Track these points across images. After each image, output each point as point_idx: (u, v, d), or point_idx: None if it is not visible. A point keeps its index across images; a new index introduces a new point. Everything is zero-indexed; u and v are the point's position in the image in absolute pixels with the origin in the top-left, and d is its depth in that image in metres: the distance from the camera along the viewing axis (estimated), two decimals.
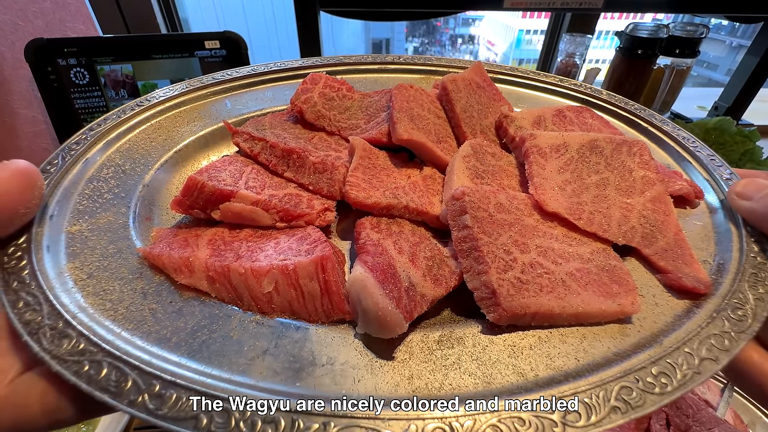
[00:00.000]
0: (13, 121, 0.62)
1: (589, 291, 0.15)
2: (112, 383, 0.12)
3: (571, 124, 0.22)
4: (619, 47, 0.74)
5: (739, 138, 0.68)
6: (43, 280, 0.14)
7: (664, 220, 0.18)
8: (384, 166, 0.19)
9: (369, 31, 3.97)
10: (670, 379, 0.13)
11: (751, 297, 0.15)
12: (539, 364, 0.14)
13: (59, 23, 0.68)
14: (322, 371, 0.13)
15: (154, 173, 0.21)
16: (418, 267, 0.15)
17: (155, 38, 0.65)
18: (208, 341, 0.14)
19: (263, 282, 0.15)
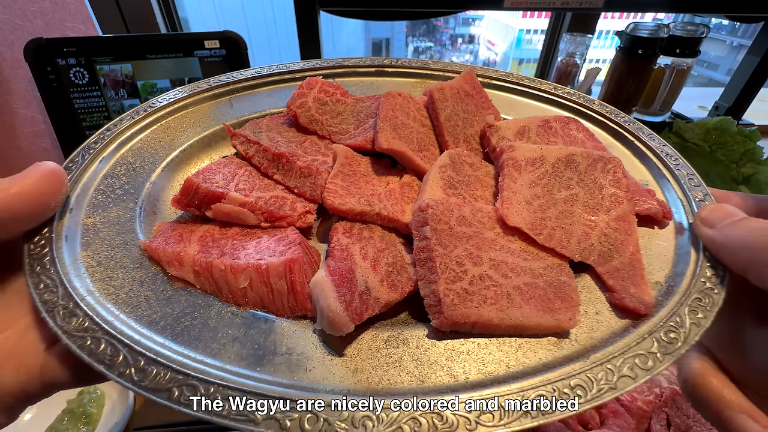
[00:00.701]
0: (13, 121, 0.61)
1: (531, 305, 0.16)
2: (107, 357, 0.15)
3: (555, 135, 0.22)
4: (620, 47, 0.74)
5: (739, 138, 0.67)
6: (60, 267, 0.17)
7: (624, 239, 0.18)
8: (364, 172, 0.21)
9: (369, 31, 3.96)
10: (585, 391, 0.14)
11: (687, 321, 0.16)
12: (472, 368, 0.15)
13: (59, 23, 0.68)
14: (280, 359, 0.16)
15: (161, 171, 0.23)
16: (378, 272, 0.17)
17: (155, 38, 0.65)
18: (189, 327, 0.16)
19: (239, 278, 0.17)
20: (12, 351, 0.16)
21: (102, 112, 0.63)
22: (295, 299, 0.17)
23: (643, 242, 0.19)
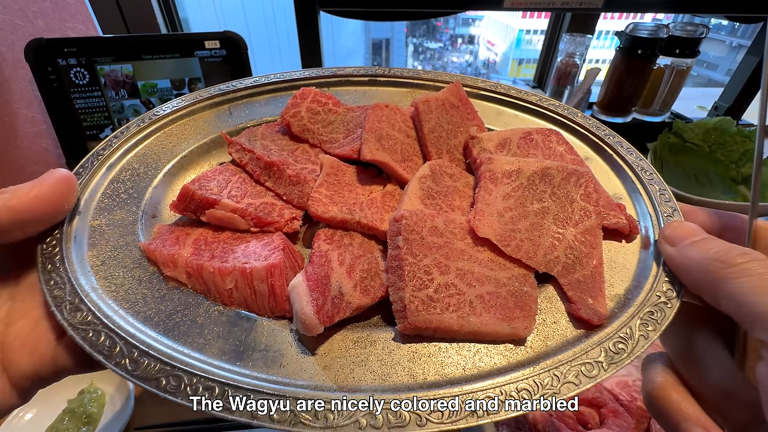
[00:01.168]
0: (13, 121, 0.62)
1: (490, 313, 0.17)
2: (105, 348, 0.16)
3: (535, 148, 0.23)
4: (619, 47, 0.74)
5: (739, 138, 0.68)
6: (68, 265, 0.18)
7: (588, 252, 0.19)
8: (349, 181, 0.22)
9: (369, 31, 3.96)
10: (530, 395, 0.15)
11: (637, 333, 0.17)
12: (431, 370, 0.16)
13: (59, 23, 0.68)
14: (258, 355, 0.17)
15: (162, 177, 0.24)
16: (352, 278, 0.18)
17: (155, 38, 0.65)
18: (180, 323, 0.18)
19: (226, 280, 0.19)
20: (27, 338, 0.18)
21: (102, 113, 0.64)
22: (275, 301, 0.18)
23: (608, 255, 0.20)
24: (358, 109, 0.25)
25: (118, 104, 0.64)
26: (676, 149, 0.70)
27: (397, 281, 0.18)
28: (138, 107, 0.65)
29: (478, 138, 0.23)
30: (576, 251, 0.19)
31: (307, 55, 0.79)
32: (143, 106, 0.65)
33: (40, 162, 0.66)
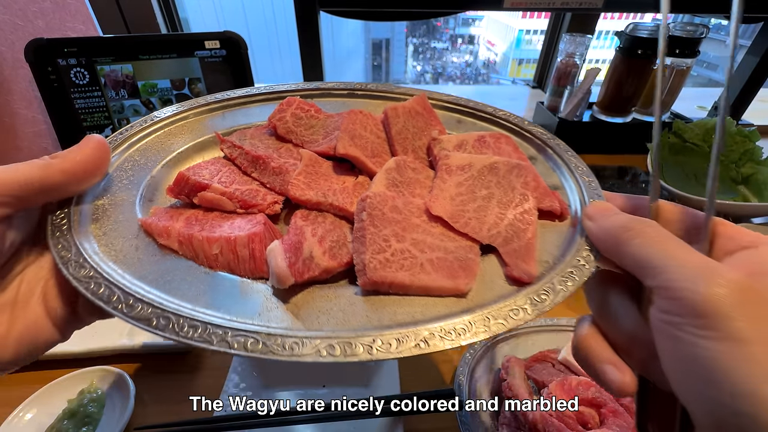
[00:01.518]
0: (13, 121, 0.62)
1: (438, 273, 0.20)
2: (105, 296, 0.19)
3: (487, 148, 0.27)
4: (619, 47, 0.74)
5: (738, 138, 0.68)
6: (74, 233, 0.21)
7: (525, 228, 0.22)
8: (325, 173, 0.25)
9: (369, 31, 3.97)
10: (464, 331, 0.18)
11: (557, 287, 0.20)
12: (385, 317, 0.19)
13: (59, 23, 0.68)
14: (237, 306, 0.20)
15: (160, 168, 0.26)
16: (323, 246, 0.21)
17: (155, 38, 0.65)
18: (171, 281, 0.20)
19: (213, 246, 0.21)
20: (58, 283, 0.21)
21: (102, 113, 0.64)
22: (254, 264, 0.21)
23: (542, 231, 0.23)
24: (336, 116, 0.29)
25: (118, 104, 0.64)
26: (676, 149, 0.70)
27: (359, 247, 0.21)
28: (138, 107, 0.65)
29: (439, 139, 0.27)
30: (514, 227, 0.23)
31: (307, 55, 0.79)
32: (143, 106, 0.65)
33: None
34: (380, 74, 13.45)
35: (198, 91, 0.67)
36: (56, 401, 0.36)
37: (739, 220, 0.58)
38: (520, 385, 0.34)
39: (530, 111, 0.98)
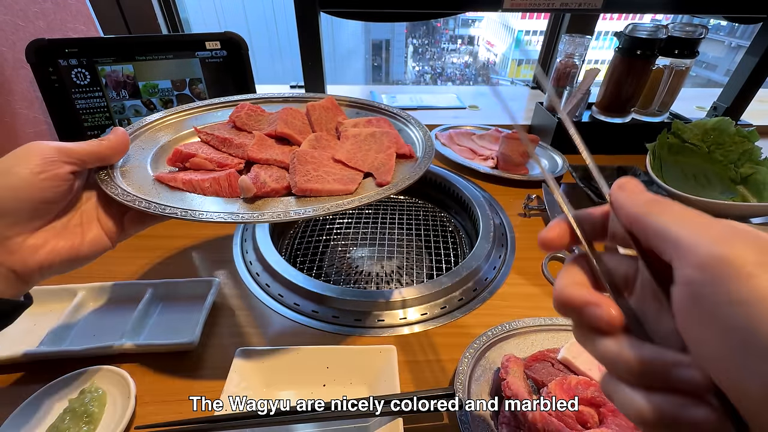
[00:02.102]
0: (14, 121, 0.62)
1: (338, 183, 0.33)
2: (135, 202, 0.29)
3: (371, 125, 0.41)
4: (618, 48, 0.74)
5: (738, 138, 0.68)
6: (113, 180, 0.31)
7: (387, 161, 0.36)
8: (270, 145, 0.38)
9: (369, 32, 3.96)
10: (350, 203, 0.32)
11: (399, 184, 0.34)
12: (309, 208, 0.31)
13: (60, 24, 0.68)
14: (221, 213, 0.30)
15: (157, 149, 0.37)
16: (271, 177, 0.33)
17: (156, 39, 0.66)
18: (182, 199, 0.31)
19: (206, 182, 0.32)
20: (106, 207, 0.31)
21: (103, 113, 0.64)
22: (231, 190, 0.32)
23: (400, 164, 0.37)
24: (275, 113, 0.41)
25: (119, 104, 0.64)
26: (675, 149, 0.70)
27: (293, 175, 0.33)
28: (139, 107, 0.65)
29: (342, 122, 0.41)
30: (382, 161, 0.36)
31: (307, 56, 0.79)
32: (144, 106, 0.66)
33: None
34: (380, 74, 13.42)
35: (198, 92, 0.68)
36: (57, 400, 0.36)
37: (738, 221, 0.58)
38: (520, 385, 0.34)
39: (529, 111, 0.99)
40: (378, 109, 0.44)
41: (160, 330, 0.43)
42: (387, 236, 0.64)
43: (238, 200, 0.31)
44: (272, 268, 0.49)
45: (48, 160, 0.25)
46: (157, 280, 0.47)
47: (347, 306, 0.46)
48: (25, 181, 0.24)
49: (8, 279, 0.25)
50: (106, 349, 0.39)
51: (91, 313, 0.45)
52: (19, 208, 0.25)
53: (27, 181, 0.24)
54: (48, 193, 0.26)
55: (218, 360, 0.40)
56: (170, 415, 0.35)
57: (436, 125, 0.88)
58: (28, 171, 0.24)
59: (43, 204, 0.26)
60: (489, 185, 0.72)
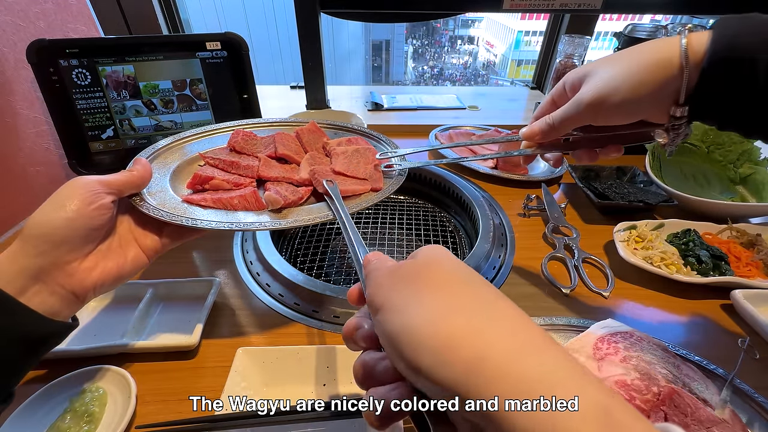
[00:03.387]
0: (15, 121, 0.62)
1: (353, 186, 0.40)
2: (179, 220, 0.34)
3: (351, 144, 0.47)
4: (618, 48, 0.75)
5: (736, 138, 0.68)
6: (146, 202, 0.35)
7: (377, 171, 0.43)
8: (274, 165, 0.43)
9: (369, 33, 3.97)
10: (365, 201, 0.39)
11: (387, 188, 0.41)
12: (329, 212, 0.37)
13: (61, 24, 0.68)
14: (263, 222, 0.36)
15: (171, 173, 0.41)
16: (289, 191, 0.38)
17: (157, 39, 0.66)
18: (221, 216, 0.36)
19: (234, 200, 0.37)
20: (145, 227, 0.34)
21: (104, 113, 0.64)
22: (257, 203, 0.38)
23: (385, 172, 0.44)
24: (268, 137, 0.47)
25: (119, 105, 0.64)
26: (675, 149, 0.70)
27: (315, 182, 0.40)
28: (140, 108, 0.65)
29: (328, 142, 0.47)
30: (372, 172, 0.43)
31: (308, 57, 0.80)
32: (145, 106, 0.66)
33: (42, 163, 0.67)
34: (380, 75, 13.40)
35: (199, 92, 0.68)
36: (58, 400, 0.36)
37: (737, 221, 0.58)
38: None
39: (529, 112, 0.99)
40: (353, 130, 0.52)
41: (160, 330, 0.43)
42: (387, 236, 0.64)
43: (265, 212, 0.37)
44: (273, 268, 0.50)
45: (94, 193, 0.29)
46: (157, 280, 0.47)
47: (347, 306, 0.46)
48: (78, 212, 0.28)
49: (68, 300, 0.28)
50: (107, 349, 0.39)
51: (91, 313, 0.45)
52: (75, 236, 0.28)
53: (79, 213, 0.28)
54: (96, 221, 0.29)
55: (219, 360, 0.40)
56: (171, 415, 0.35)
57: (436, 125, 0.88)
58: (80, 203, 0.28)
59: (93, 231, 0.29)
60: (489, 185, 0.72)
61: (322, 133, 0.49)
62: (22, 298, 0.26)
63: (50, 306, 0.27)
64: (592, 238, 0.59)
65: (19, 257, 0.26)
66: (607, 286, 0.50)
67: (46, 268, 0.27)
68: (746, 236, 0.55)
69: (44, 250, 0.27)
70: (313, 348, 0.39)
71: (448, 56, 7.39)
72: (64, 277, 0.28)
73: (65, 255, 0.28)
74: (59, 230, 0.27)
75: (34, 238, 0.27)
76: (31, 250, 0.27)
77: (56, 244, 0.27)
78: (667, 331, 0.45)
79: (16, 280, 0.26)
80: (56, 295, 0.27)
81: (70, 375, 0.37)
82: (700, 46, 0.25)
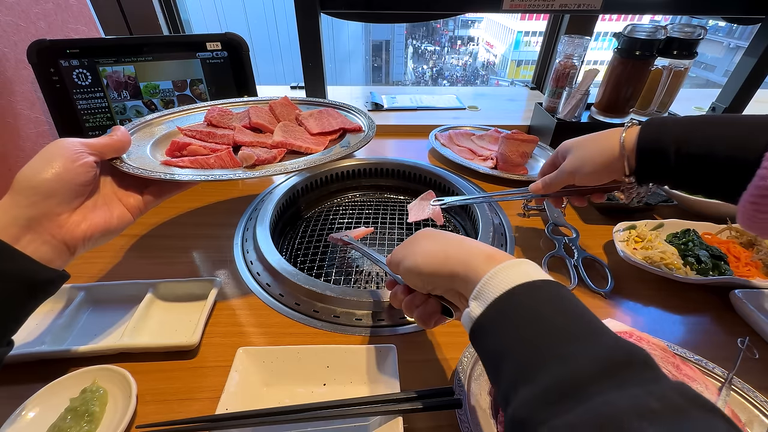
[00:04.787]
0: (16, 122, 0.62)
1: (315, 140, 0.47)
2: (160, 176, 0.36)
3: (321, 114, 0.51)
4: (617, 48, 0.75)
5: None
6: (128, 164, 0.36)
7: (346, 121, 0.49)
8: (248, 133, 0.46)
9: (369, 33, 3.98)
10: None
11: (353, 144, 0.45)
12: (300, 161, 0.41)
13: (61, 24, 0.69)
14: (234, 173, 0.38)
15: (152, 144, 0.43)
16: (263, 151, 0.41)
17: (157, 40, 0.66)
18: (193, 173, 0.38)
19: (210, 159, 0.39)
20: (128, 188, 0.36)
21: (105, 113, 0.64)
22: (233, 161, 0.40)
23: (352, 136, 0.48)
24: (244, 112, 0.50)
25: (120, 105, 0.64)
26: None
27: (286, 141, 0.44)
28: (140, 108, 0.66)
29: (300, 113, 0.51)
30: (343, 121, 0.48)
31: (308, 57, 0.80)
32: (145, 107, 0.66)
33: None
34: (380, 75, 13.40)
35: (199, 93, 0.68)
36: (59, 399, 0.36)
37: (736, 220, 0.58)
38: None
39: (529, 112, 0.99)
40: (324, 104, 0.55)
41: (160, 330, 0.43)
42: (387, 236, 0.64)
43: (239, 169, 0.39)
44: (273, 268, 0.50)
45: (77, 152, 0.31)
46: (157, 280, 0.47)
47: (347, 306, 0.46)
48: (65, 167, 0.30)
49: (59, 250, 0.30)
50: (107, 349, 0.39)
51: (91, 312, 0.45)
52: (63, 189, 0.30)
53: (66, 168, 0.30)
54: (82, 177, 0.31)
55: (219, 359, 0.40)
56: (171, 415, 0.35)
57: (436, 125, 0.88)
58: (65, 160, 0.30)
59: (79, 186, 0.31)
60: (488, 185, 0.72)
61: (294, 106, 0.53)
62: (18, 246, 0.27)
63: (43, 254, 0.28)
64: (591, 238, 0.59)
65: (11, 208, 0.28)
66: (606, 286, 0.50)
67: (37, 218, 0.28)
68: (745, 236, 0.55)
69: (35, 201, 0.28)
70: (313, 348, 0.39)
71: (448, 57, 7.38)
72: (55, 227, 0.29)
73: (55, 207, 0.29)
74: (48, 182, 0.29)
75: (25, 189, 0.28)
76: (22, 200, 0.28)
77: (46, 196, 0.29)
78: (666, 330, 0.45)
79: (9, 229, 0.27)
80: (48, 244, 0.29)
81: (70, 375, 0.37)
82: (631, 139, 0.38)
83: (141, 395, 0.37)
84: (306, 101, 0.56)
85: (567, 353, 0.19)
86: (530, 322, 0.21)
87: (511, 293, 0.23)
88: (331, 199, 0.74)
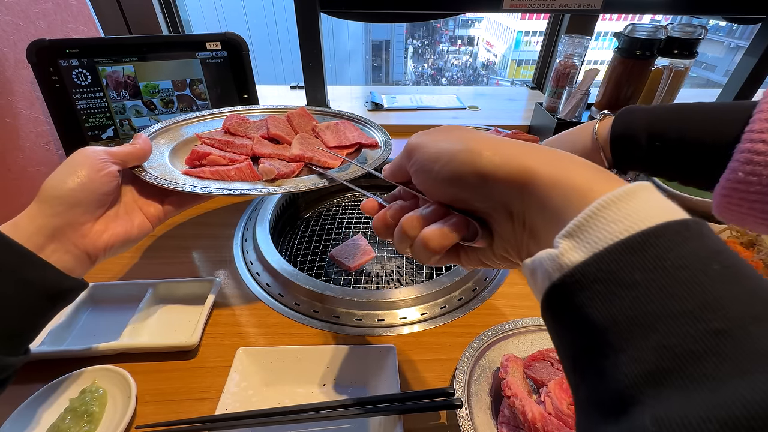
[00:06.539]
0: (16, 121, 0.62)
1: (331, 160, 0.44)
2: (179, 187, 0.35)
3: (338, 125, 0.50)
4: (618, 48, 0.75)
5: None
6: (149, 172, 0.36)
7: (362, 136, 0.49)
8: (266, 144, 0.45)
9: (369, 33, 3.98)
10: None
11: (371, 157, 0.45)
12: (322, 180, 0.40)
13: (61, 24, 0.68)
14: (256, 188, 0.37)
15: (169, 151, 0.42)
16: (282, 165, 0.41)
17: (157, 39, 0.66)
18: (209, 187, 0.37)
19: (230, 172, 0.39)
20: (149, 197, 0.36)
21: (104, 113, 0.64)
22: (253, 174, 0.40)
23: (368, 152, 0.47)
24: (261, 121, 0.50)
25: (119, 105, 0.64)
26: None
27: (304, 155, 0.43)
28: (140, 108, 0.65)
29: (317, 124, 0.50)
30: (359, 136, 0.47)
31: (308, 57, 0.80)
32: (145, 106, 0.66)
33: (42, 163, 0.67)
34: (380, 75, 13.37)
35: (199, 92, 0.68)
36: (58, 399, 0.36)
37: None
38: (519, 384, 0.34)
39: (529, 112, 0.99)
40: (340, 115, 0.54)
41: (160, 330, 0.43)
42: None
43: (259, 182, 0.39)
44: (273, 268, 0.50)
45: (101, 161, 0.31)
46: (157, 280, 0.47)
47: (347, 306, 0.46)
48: (89, 177, 0.30)
49: (81, 259, 0.30)
50: (107, 349, 0.39)
51: (91, 312, 0.45)
52: (87, 199, 0.30)
53: (90, 178, 0.30)
54: (105, 187, 0.31)
55: (218, 360, 0.40)
56: (170, 415, 0.35)
57: (436, 125, 0.88)
58: (90, 170, 0.30)
59: (102, 196, 0.31)
60: None
61: (311, 117, 0.53)
62: (42, 255, 0.28)
63: (66, 263, 0.29)
64: None
65: (37, 217, 0.28)
66: None
67: (61, 228, 0.29)
68: (746, 236, 0.55)
69: (60, 210, 0.29)
70: (313, 348, 0.39)
71: (448, 56, 7.36)
72: (78, 237, 0.30)
73: (79, 216, 0.30)
74: (73, 192, 0.29)
75: (51, 199, 0.29)
76: (47, 210, 0.28)
77: (71, 206, 0.29)
78: None
79: (35, 238, 0.27)
80: (70, 253, 0.29)
81: (69, 375, 0.37)
82: (605, 129, 0.37)
83: (140, 395, 0.37)
84: (322, 112, 0.55)
85: None
86: (691, 287, 0.13)
87: (657, 234, 0.14)
88: (331, 199, 0.74)
